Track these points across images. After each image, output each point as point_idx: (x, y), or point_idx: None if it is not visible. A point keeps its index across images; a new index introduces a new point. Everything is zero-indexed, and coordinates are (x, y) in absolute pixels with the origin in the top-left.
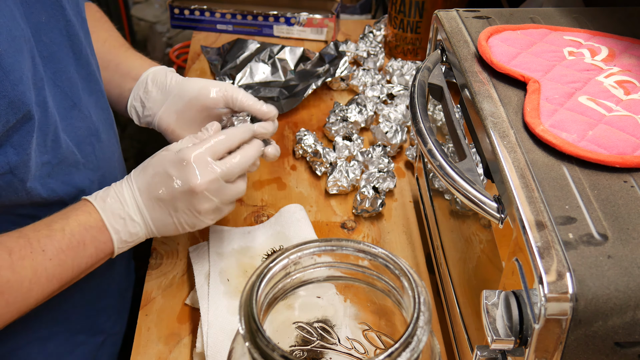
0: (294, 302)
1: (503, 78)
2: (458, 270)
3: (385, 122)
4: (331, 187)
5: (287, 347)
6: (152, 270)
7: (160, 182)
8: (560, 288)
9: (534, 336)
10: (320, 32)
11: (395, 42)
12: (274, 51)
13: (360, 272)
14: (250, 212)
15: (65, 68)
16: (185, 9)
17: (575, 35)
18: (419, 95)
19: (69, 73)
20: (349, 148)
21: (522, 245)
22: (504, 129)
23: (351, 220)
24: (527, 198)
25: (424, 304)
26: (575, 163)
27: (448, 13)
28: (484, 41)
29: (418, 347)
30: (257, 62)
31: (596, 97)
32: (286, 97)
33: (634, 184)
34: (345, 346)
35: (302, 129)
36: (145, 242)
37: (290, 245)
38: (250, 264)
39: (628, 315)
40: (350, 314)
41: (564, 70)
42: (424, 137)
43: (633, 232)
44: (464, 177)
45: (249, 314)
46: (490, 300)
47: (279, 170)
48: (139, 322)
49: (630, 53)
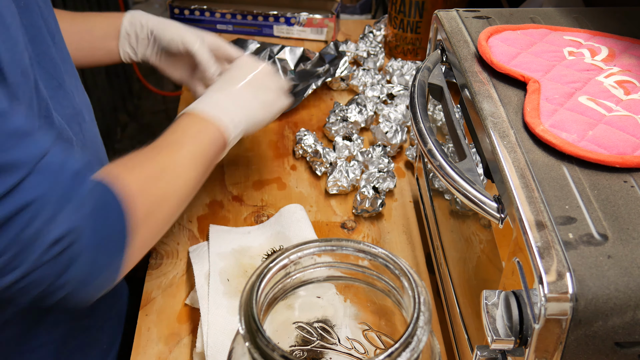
0: (294, 302)
1: (503, 78)
2: (458, 270)
3: (385, 122)
4: (331, 187)
5: (287, 347)
6: (152, 270)
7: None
8: (560, 288)
9: (534, 336)
10: (320, 32)
11: (395, 42)
12: (274, 51)
13: (360, 272)
14: (250, 212)
15: (47, 50)
16: (185, 9)
17: (575, 35)
18: (419, 95)
19: (51, 55)
20: (349, 148)
21: (522, 245)
22: (504, 129)
23: (351, 220)
24: (527, 198)
25: (424, 304)
26: (575, 163)
27: (448, 13)
28: (484, 41)
29: (418, 347)
30: None
31: (596, 97)
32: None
33: (634, 184)
34: (345, 346)
35: (302, 129)
36: None
37: (290, 245)
38: (250, 264)
39: (628, 315)
40: (350, 314)
41: (564, 70)
42: (424, 137)
43: (633, 232)
44: (464, 177)
45: (249, 314)
46: (490, 300)
47: (279, 170)
48: (139, 322)
49: (630, 53)
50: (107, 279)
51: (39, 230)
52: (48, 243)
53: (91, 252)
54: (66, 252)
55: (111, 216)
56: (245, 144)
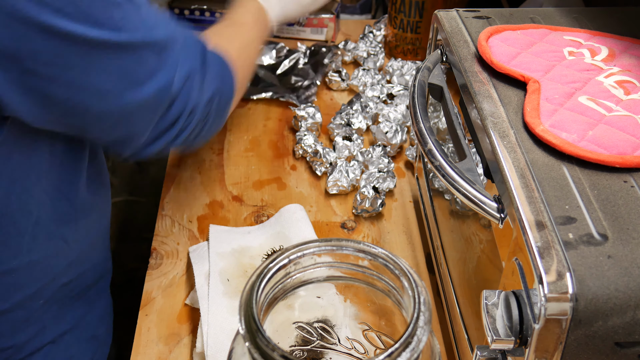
0: (294, 302)
1: (503, 78)
2: (458, 270)
3: (385, 122)
4: (331, 187)
5: (287, 347)
6: (152, 270)
7: None
8: (560, 288)
9: (534, 336)
10: (320, 32)
11: (395, 42)
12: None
13: (360, 272)
14: (250, 212)
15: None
16: (185, 9)
17: (575, 35)
18: (419, 95)
19: None
20: (349, 148)
21: (522, 245)
22: (504, 129)
23: (351, 220)
24: (527, 198)
25: (424, 304)
26: (575, 163)
27: (448, 13)
28: (484, 41)
29: (418, 347)
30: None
31: (596, 97)
32: (289, 95)
33: (634, 184)
34: (345, 346)
35: (302, 129)
36: (145, 242)
37: (290, 245)
38: (250, 264)
39: (628, 315)
40: (350, 314)
41: (564, 70)
42: (424, 137)
43: (633, 232)
44: (464, 177)
45: (249, 314)
46: (490, 300)
47: (279, 170)
48: (139, 322)
49: (630, 53)
50: (222, 122)
51: (197, 94)
52: (204, 103)
53: (221, 105)
54: (212, 109)
55: (228, 79)
56: (246, 144)
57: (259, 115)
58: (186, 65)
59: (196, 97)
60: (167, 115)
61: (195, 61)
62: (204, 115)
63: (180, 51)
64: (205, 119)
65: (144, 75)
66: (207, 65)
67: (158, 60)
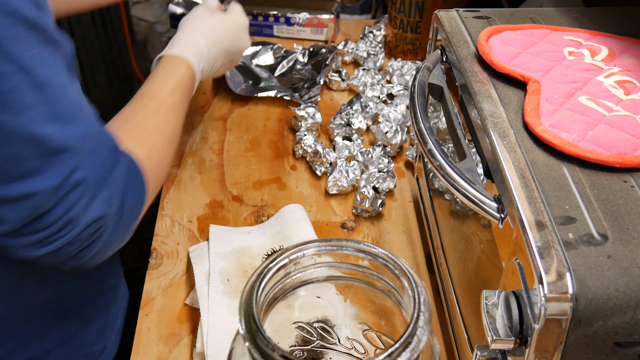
0: (294, 302)
1: (503, 78)
2: (458, 270)
3: (385, 122)
4: (331, 187)
5: (287, 347)
6: (152, 270)
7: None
8: (560, 288)
9: (534, 336)
10: (320, 32)
11: (395, 42)
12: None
13: (360, 272)
14: (250, 212)
15: None
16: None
17: (575, 35)
18: (419, 95)
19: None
20: (349, 148)
21: (522, 245)
22: (504, 129)
23: (351, 220)
24: (527, 198)
25: (424, 304)
26: (575, 163)
27: (448, 13)
28: (484, 41)
29: (418, 347)
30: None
31: (596, 97)
32: (291, 94)
33: (634, 184)
34: (345, 346)
35: (302, 129)
36: (145, 242)
37: (290, 245)
38: (250, 264)
39: (628, 315)
40: (350, 314)
41: (564, 70)
42: (424, 137)
43: (633, 232)
44: (464, 177)
45: (249, 314)
46: (490, 300)
47: (279, 170)
48: (139, 322)
49: (630, 53)
50: (126, 239)
51: (83, 208)
52: (88, 222)
53: (119, 223)
54: (100, 228)
55: (138, 188)
56: (246, 144)
57: (259, 115)
58: (84, 173)
59: (81, 208)
60: (42, 217)
61: (102, 172)
62: (89, 232)
63: (85, 156)
64: (98, 232)
65: (16, 173)
66: (108, 179)
67: (41, 162)
